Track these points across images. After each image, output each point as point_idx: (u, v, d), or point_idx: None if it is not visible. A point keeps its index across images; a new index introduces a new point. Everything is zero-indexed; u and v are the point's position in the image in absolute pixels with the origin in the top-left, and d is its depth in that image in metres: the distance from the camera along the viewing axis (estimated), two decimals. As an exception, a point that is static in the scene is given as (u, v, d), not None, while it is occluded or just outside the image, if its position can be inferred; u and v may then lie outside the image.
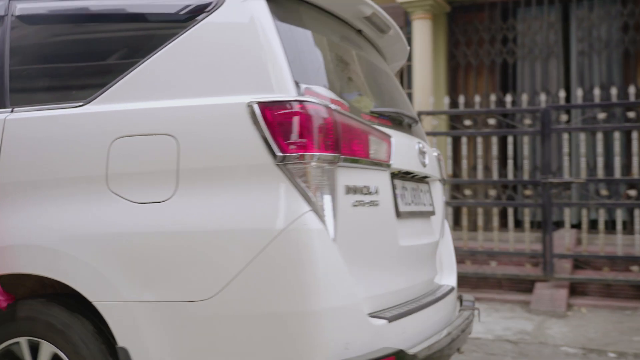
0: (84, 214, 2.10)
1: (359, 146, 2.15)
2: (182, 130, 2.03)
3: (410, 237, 2.54)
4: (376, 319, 2.08)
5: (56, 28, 2.51)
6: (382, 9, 2.79)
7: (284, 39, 2.09)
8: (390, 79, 3.03)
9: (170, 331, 1.96)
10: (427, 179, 2.92)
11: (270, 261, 1.89)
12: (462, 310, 2.95)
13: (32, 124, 2.28)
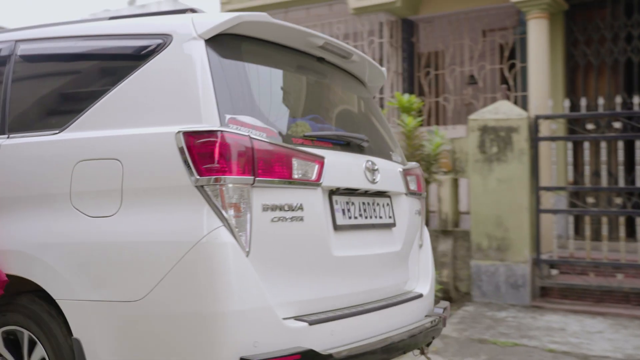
0: (53, 225, 2.54)
1: (280, 169, 2.44)
2: (126, 155, 2.42)
3: (351, 248, 2.80)
4: (293, 322, 2.40)
5: (43, 67, 3.06)
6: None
7: (218, 76, 2.45)
8: (354, 102, 3.38)
9: (111, 326, 2.36)
10: (388, 194, 3.17)
11: (187, 269, 2.25)
12: (428, 317, 3.23)
13: (22, 148, 2.75)
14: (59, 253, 2.50)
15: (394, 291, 3.17)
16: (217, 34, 2.54)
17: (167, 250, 2.29)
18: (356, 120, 3.37)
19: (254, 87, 2.66)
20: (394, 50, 8.74)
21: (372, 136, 3.28)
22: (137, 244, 2.36)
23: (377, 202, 3.09)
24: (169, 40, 2.58)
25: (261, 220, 2.38)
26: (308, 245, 2.58)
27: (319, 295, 2.63)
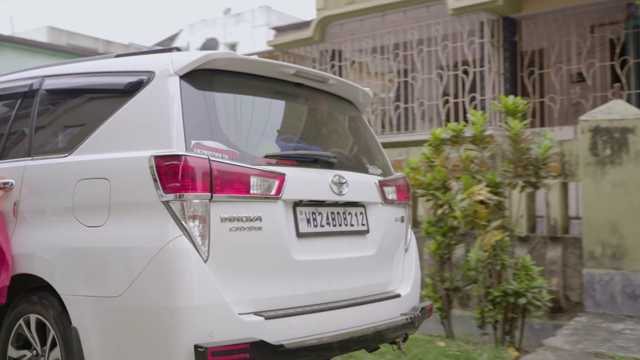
0: (58, 232, 3.08)
1: (238, 185, 2.85)
2: (113, 175, 2.93)
3: (315, 253, 3.20)
4: (250, 316, 2.82)
5: (59, 99, 3.59)
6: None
7: (188, 107, 2.90)
8: (336, 121, 3.87)
9: (99, 317, 2.85)
10: (361, 203, 3.51)
11: (154, 271, 2.72)
12: (403, 315, 3.58)
13: (40, 169, 3.31)
14: (61, 256, 3.07)
15: (373, 291, 3.56)
16: (191, 70, 2.99)
17: (140, 255, 2.78)
18: (334, 138, 3.82)
19: (223, 115, 3.08)
20: (495, 50, 8.47)
21: (350, 152, 3.82)
22: (118, 249, 2.87)
23: (348, 212, 3.47)
24: (152, 76, 3.06)
25: (219, 230, 2.80)
26: (267, 251, 2.98)
27: (280, 294, 3.02)
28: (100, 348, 2.87)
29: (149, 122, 2.99)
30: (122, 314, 2.85)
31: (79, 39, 31.64)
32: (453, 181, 5.73)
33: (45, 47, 17.24)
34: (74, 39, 31.36)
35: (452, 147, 5.84)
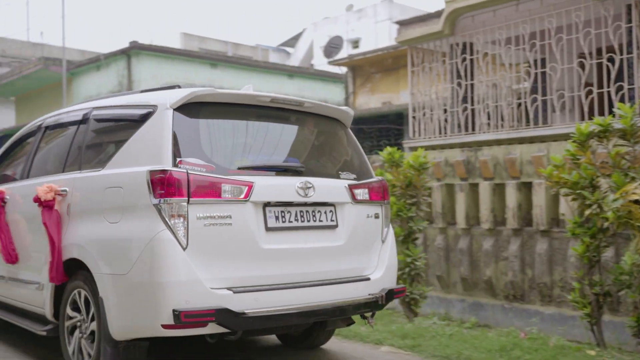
0: (93, 227, 4.19)
1: (211, 191, 3.79)
2: (125, 184, 4.00)
3: (282, 243, 4.06)
4: (221, 290, 3.74)
5: (100, 126, 4.77)
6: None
7: (177, 132, 3.88)
8: (315, 136, 4.72)
9: (114, 289, 3.92)
10: (330, 203, 4.34)
11: (146, 255, 3.73)
12: (370, 294, 4.36)
13: (85, 179, 4.47)
14: (93, 245, 4.17)
15: (343, 275, 4.36)
16: (182, 103, 3.98)
17: (138, 243, 3.81)
18: (311, 150, 4.71)
19: (205, 137, 4.08)
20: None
21: (325, 161, 4.68)
22: (126, 239, 3.91)
23: (318, 210, 4.30)
24: (155, 109, 4.08)
25: (196, 225, 3.76)
26: (237, 241, 3.88)
27: (250, 275, 3.92)
28: (115, 311, 3.94)
29: (151, 144, 4.02)
30: (128, 286, 3.88)
31: (209, 43, 33.05)
32: (602, 179, 5.35)
33: (179, 53, 18.12)
34: (204, 43, 32.79)
35: (599, 142, 5.45)
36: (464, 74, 9.25)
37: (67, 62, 19.17)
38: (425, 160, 6.46)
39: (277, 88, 19.72)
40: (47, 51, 27.82)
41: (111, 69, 17.59)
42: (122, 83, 17.18)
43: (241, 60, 19.92)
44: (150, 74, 17.08)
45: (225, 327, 3.78)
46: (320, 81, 21.03)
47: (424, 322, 6.35)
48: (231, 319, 3.73)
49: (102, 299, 3.98)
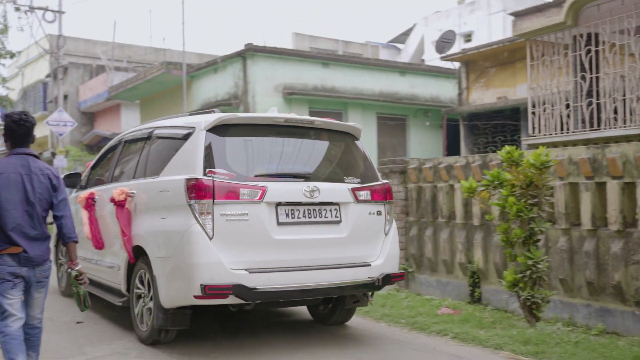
0: (151, 221, 5.54)
1: (231, 194, 5.03)
2: (170, 188, 5.30)
3: (292, 235, 5.24)
4: (239, 271, 4.98)
5: (158, 142, 6.12)
6: None
7: (207, 149, 5.16)
8: (326, 148, 5.88)
9: (163, 270, 5.25)
10: (335, 202, 5.48)
11: (182, 243, 5.03)
12: (370, 278, 5.47)
13: (147, 185, 5.83)
14: (150, 235, 5.55)
15: (347, 261, 5.46)
16: (212, 126, 5.27)
17: (178, 234, 5.11)
18: (321, 160, 5.86)
19: (230, 151, 5.34)
20: None
21: (332, 168, 5.86)
22: (170, 231, 5.24)
23: (324, 209, 5.45)
24: (194, 130, 5.39)
25: (220, 220, 5.01)
26: (252, 233, 5.09)
27: (263, 259, 5.12)
28: (163, 286, 5.28)
29: (189, 158, 5.29)
30: (171, 266, 5.21)
31: (320, 42, 33.43)
32: None
33: (291, 54, 18.43)
34: (315, 42, 33.21)
35: None
36: (588, 66, 8.77)
37: (187, 65, 20.04)
38: (548, 158, 6.18)
39: (388, 86, 19.62)
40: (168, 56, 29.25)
41: (227, 71, 18.19)
42: (237, 84, 17.73)
43: (352, 58, 19.97)
44: (264, 75, 17.51)
45: (241, 298, 4.99)
46: (432, 77, 20.69)
47: (547, 328, 6.09)
48: (245, 292, 4.96)
49: (155, 277, 5.38)
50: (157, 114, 23.11)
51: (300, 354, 5.42)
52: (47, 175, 4.31)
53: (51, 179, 4.32)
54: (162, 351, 5.48)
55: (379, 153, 19.17)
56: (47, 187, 4.28)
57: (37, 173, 4.27)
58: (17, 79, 36.12)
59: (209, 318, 6.67)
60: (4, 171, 4.19)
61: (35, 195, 4.21)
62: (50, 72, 28.05)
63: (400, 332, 6.32)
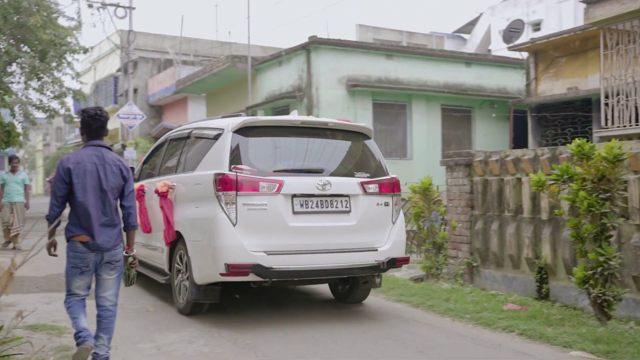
0: (188, 210, 6.42)
1: (252, 187, 5.81)
2: (203, 181, 6.14)
3: (305, 222, 6.00)
4: (259, 253, 5.76)
5: (195, 141, 7.00)
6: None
7: (233, 148, 6.00)
8: (340, 146, 6.61)
9: (196, 251, 6.17)
10: (345, 194, 6.21)
11: (210, 228, 5.89)
12: (376, 261, 6.20)
13: (185, 178, 6.73)
14: (186, 222, 6.40)
15: (355, 246, 6.16)
16: (237, 128, 6.08)
17: (207, 221, 5.90)
18: (334, 156, 6.53)
19: (253, 150, 6.11)
20: None
21: (344, 164, 6.51)
22: (202, 218, 6.04)
23: (335, 200, 6.16)
24: (222, 131, 6.17)
25: (242, 209, 5.80)
26: (270, 221, 5.86)
27: (279, 243, 5.88)
28: (196, 265, 6.16)
29: (218, 156, 6.11)
30: (202, 248, 6.06)
31: (383, 34, 33.20)
32: None
33: (355, 46, 18.38)
34: (379, 33, 33.00)
35: None
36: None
37: (252, 59, 20.29)
38: (621, 151, 5.96)
39: (453, 77, 19.31)
40: (233, 49, 29.68)
41: (292, 64, 18.31)
42: (301, 77, 17.83)
43: (416, 50, 19.76)
44: (327, 67, 17.54)
45: (260, 276, 5.79)
46: (498, 68, 20.23)
47: (619, 327, 5.88)
48: (263, 271, 5.76)
49: (190, 257, 6.27)
50: (222, 106, 23.51)
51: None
52: (118, 167, 4.64)
53: (122, 170, 4.65)
54: (227, 340, 5.61)
55: (443, 145, 18.92)
56: (118, 177, 4.61)
57: (110, 164, 4.60)
58: (90, 74, 37.45)
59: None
60: (80, 161, 4.52)
61: (108, 184, 4.55)
62: (121, 67, 28.93)
63: (465, 327, 6.24)
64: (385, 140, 18.38)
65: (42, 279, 8.66)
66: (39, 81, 20.16)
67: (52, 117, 21.16)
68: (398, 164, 18.09)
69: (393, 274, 9.08)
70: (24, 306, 6.82)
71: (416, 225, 9.35)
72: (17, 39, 19.39)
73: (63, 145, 54.80)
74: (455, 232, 8.72)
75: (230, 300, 7.37)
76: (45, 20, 18.93)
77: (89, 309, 4.70)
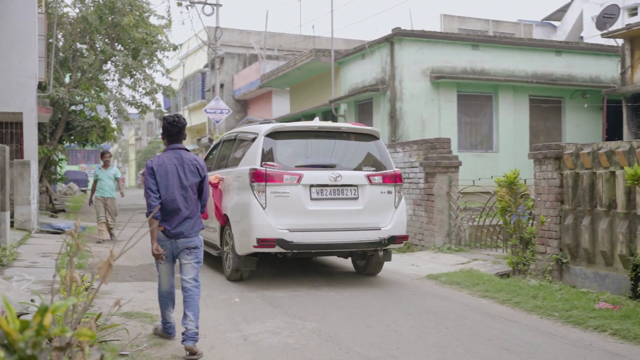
0: (232, 198, 8.25)
1: (277, 179, 7.54)
2: (242, 175, 7.97)
3: (321, 206, 7.59)
4: (282, 230, 7.44)
5: (239, 143, 8.94)
6: None
7: (265, 148, 7.79)
8: (354, 146, 8.17)
9: (236, 229, 7.96)
10: (354, 184, 7.72)
11: (246, 211, 7.66)
12: (380, 238, 7.74)
13: (232, 171, 8.49)
14: (230, 206, 8.17)
15: (362, 226, 7.69)
16: (268, 133, 7.80)
17: (244, 205, 7.67)
18: (347, 154, 8.06)
19: (279, 150, 7.79)
20: None
21: (354, 160, 8.01)
22: (240, 203, 7.81)
23: (345, 189, 7.68)
24: (257, 135, 7.98)
25: (270, 196, 7.48)
26: (292, 205, 7.46)
27: (299, 223, 7.45)
28: (236, 240, 7.77)
29: (253, 154, 7.73)
30: (240, 227, 7.71)
31: (469, 23, 32.51)
32: None
33: (439, 37, 18.09)
34: (464, 23, 32.34)
35: None
36: None
37: (335, 52, 20.37)
38: None
39: (542, 66, 18.67)
40: (317, 43, 29.88)
41: (375, 56, 18.24)
42: (385, 70, 17.74)
43: (503, 39, 19.18)
44: (411, 59, 17.36)
45: (283, 248, 7.37)
46: (591, 56, 19.38)
47: None
48: (285, 244, 7.36)
49: (232, 234, 7.97)
50: (305, 100, 23.75)
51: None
52: (195, 165, 5.30)
53: (198, 169, 5.31)
54: (311, 332, 5.70)
55: (531, 137, 18.36)
56: (196, 175, 5.28)
57: (188, 164, 5.26)
58: (179, 70, 38.74)
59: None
60: (162, 163, 5.22)
61: (188, 181, 5.22)
62: (208, 63, 29.75)
63: (553, 325, 6.06)
64: (470, 132, 18.03)
65: (136, 269, 9.07)
66: (132, 78, 21.01)
67: (144, 113, 21.95)
68: (483, 157, 17.70)
69: (478, 269, 8.92)
70: (119, 294, 7.18)
71: (502, 220, 9.14)
72: (111, 38, 20.30)
73: (154, 139, 57.05)
74: (543, 227, 8.46)
75: (311, 292, 7.49)
76: (137, 19, 19.71)
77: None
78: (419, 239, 11.97)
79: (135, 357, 4.87)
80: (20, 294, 5.50)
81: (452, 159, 11.54)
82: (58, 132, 19.68)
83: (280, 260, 9.35)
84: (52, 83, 17.20)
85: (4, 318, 1.44)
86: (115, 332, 5.14)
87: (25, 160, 13.77)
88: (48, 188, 20.28)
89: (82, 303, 3.37)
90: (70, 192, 35.41)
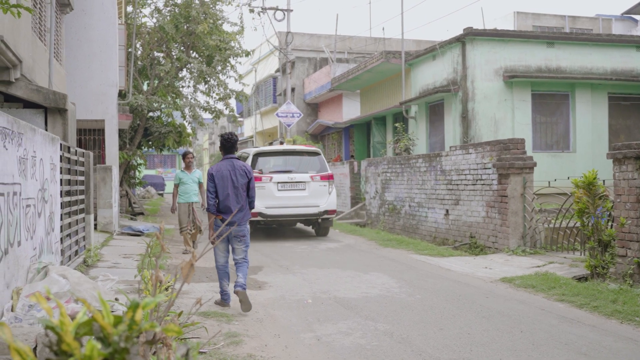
0: None
1: (258, 179, 13.83)
2: None
3: (283, 193, 14.11)
4: (262, 207, 13.91)
5: (248, 160, 14.68)
6: None
7: (254, 162, 14.33)
8: (305, 159, 14.90)
9: (261, 209, 14.16)
10: (303, 181, 14.25)
11: None
12: (318, 213, 14.31)
13: None
14: (263, 199, 14.01)
15: (309, 205, 14.11)
16: (255, 153, 14.57)
17: None
18: (302, 164, 14.63)
19: (260, 163, 14.37)
20: None
21: (305, 167, 14.57)
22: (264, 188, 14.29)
23: (299, 184, 14.18)
24: (249, 155, 14.59)
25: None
26: (267, 194, 13.90)
27: (271, 204, 13.94)
28: None
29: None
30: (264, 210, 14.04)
31: (544, 20, 31.64)
32: None
33: (512, 35, 17.71)
34: (539, 20, 31.50)
35: None
36: None
37: (405, 54, 20.27)
38: None
39: (622, 63, 17.98)
40: (387, 45, 29.81)
41: (446, 57, 18.04)
42: (456, 70, 17.52)
43: (580, 35, 18.56)
44: (483, 59, 17.08)
45: (262, 218, 13.80)
46: (675, 50, 18.51)
47: None
48: (263, 215, 13.73)
49: (266, 213, 13.87)
50: (376, 102, 23.73)
51: None
52: (244, 170, 7.06)
53: (246, 173, 7.07)
54: (383, 333, 5.71)
55: (610, 137, 17.70)
56: (244, 177, 7.03)
57: (239, 169, 7.03)
58: (251, 75, 39.45)
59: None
60: (219, 169, 7.01)
61: (238, 182, 6.98)
62: (279, 67, 30.18)
63: (634, 330, 5.86)
64: (545, 132, 17.56)
65: (211, 269, 9.35)
66: (206, 84, 21.60)
67: (217, 118, 22.52)
68: (559, 157, 17.21)
69: (554, 272, 8.71)
70: (196, 294, 7.44)
71: (580, 222, 8.88)
72: (186, 46, 20.96)
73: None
74: (623, 229, 8.17)
75: (383, 295, 7.51)
76: (211, 27, 20.27)
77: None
78: (492, 241, 11.77)
79: (212, 354, 5.05)
80: (105, 293, 5.80)
81: (527, 160, 11.31)
82: (137, 137, 20.46)
83: (346, 267, 9.34)
84: (131, 91, 17.92)
85: (100, 313, 1.56)
86: (194, 330, 5.33)
87: (107, 165, 14.43)
88: (128, 192, 21.12)
89: (165, 302, 3.55)
90: (148, 196, 36.71)
